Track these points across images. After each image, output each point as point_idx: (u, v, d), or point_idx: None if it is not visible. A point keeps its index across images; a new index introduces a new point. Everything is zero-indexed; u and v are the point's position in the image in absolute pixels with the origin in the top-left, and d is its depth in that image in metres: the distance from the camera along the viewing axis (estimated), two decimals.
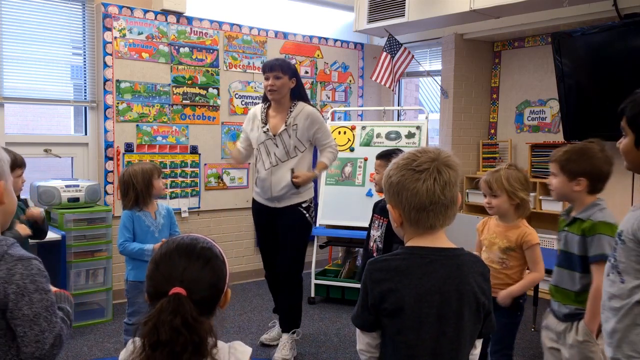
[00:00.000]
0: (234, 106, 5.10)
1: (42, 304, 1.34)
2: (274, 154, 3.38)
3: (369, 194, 4.78)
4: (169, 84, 4.72)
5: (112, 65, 4.43)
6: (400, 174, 1.39)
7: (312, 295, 4.68)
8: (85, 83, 4.48)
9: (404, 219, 1.41)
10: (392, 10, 5.12)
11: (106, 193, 4.48)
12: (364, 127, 5.10)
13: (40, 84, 4.34)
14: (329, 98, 5.81)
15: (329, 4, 5.77)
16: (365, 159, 4.93)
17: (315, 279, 4.72)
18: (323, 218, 4.89)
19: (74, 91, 4.49)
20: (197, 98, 4.89)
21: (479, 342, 1.46)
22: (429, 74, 5.73)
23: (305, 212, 3.45)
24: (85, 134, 4.55)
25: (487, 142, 5.52)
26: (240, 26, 5.14)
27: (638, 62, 4.00)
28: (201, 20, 4.89)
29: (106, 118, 4.44)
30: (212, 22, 4.95)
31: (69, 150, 4.47)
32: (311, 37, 5.63)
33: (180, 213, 4.80)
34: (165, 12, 4.66)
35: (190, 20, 4.82)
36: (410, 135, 4.91)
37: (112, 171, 4.49)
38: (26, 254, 1.36)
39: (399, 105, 6.27)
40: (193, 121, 4.87)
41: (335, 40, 5.83)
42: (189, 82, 4.83)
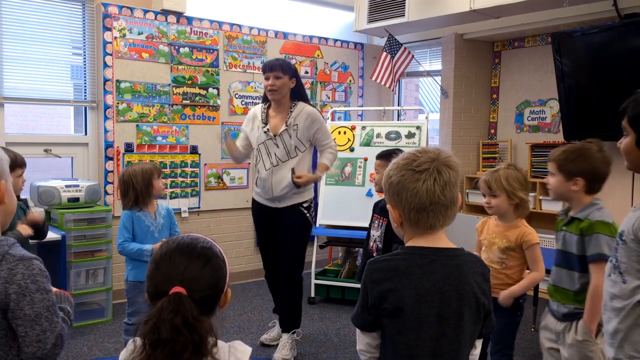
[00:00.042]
0: (234, 106, 5.10)
1: (44, 304, 1.34)
2: (275, 154, 3.38)
3: (369, 194, 4.78)
4: (169, 84, 4.73)
5: (112, 65, 4.43)
6: (400, 174, 1.39)
7: (312, 295, 4.68)
8: (85, 83, 4.48)
9: (404, 219, 1.41)
10: (392, 10, 5.12)
11: (106, 193, 4.48)
12: (364, 127, 5.10)
13: (40, 84, 4.34)
14: (329, 98, 5.81)
15: (329, 4, 5.77)
16: (365, 159, 4.93)
17: (315, 279, 4.72)
18: (323, 218, 4.89)
19: (74, 91, 4.49)
20: (197, 98, 4.89)
21: (479, 342, 1.46)
22: (429, 74, 5.73)
23: (306, 212, 3.45)
24: (85, 134, 4.55)
25: (487, 142, 5.52)
26: (240, 26, 5.14)
27: (638, 62, 4.01)
28: (201, 20, 4.89)
29: (106, 118, 4.44)
30: (212, 22, 4.95)
31: (69, 150, 4.47)
32: (311, 37, 5.63)
33: (180, 213, 4.80)
34: (165, 12, 4.67)
35: (190, 20, 4.82)
36: (410, 135, 4.91)
37: (112, 171, 4.49)
38: (27, 254, 1.36)
39: (399, 105, 6.27)
40: (193, 121, 4.88)
41: (335, 40, 5.83)
42: (189, 82, 4.83)
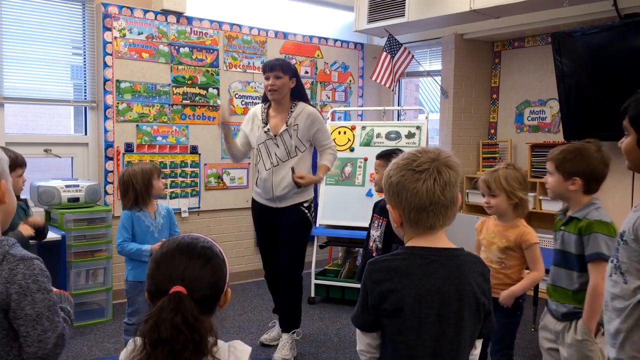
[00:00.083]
0: (234, 106, 5.10)
1: (45, 304, 1.34)
2: (275, 154, 3.38)
3: (369, 194, 4.78)
4: (169, 84, 4.73)
5: (112, 65, 4.43)
6: (400, 174, 1.39)
7: (312, 295, 4.68)
8: (85, 83, 4.48)
9: (404, 219, 1.41)
10: (392, 10, 5.12)
11: (106, 193, 4.48)
12: (364, 127, 5.10)
13: (40, 84, 4.34)
14: (329, 98, 5.81)
15: (329, 4, 5.77)
16: (365, 159, 4.93)
17: (315, 279, 4.72)
18: (323, 218, 4.89)
19: (74, 91, 4.49)
20: (197, 98, 4.89)
21: (479, 343, 1.46)
22: (429, 74, 5.73)
23: (306, 212, 3.45)
24: (85, 134, 4.55)
25: (487, 142, 5.52)
26: (240, 26, 5.14)
27: (638, 62, 4.00)
28: (201, 20, 4.89)
29: (106, 118, 4.44)
30: (212, 22, 4.95)
31: (69, 150, 4.47)
32: (311, 37, 5.63)
33: (180, 213, 4.80)
34: (165, 12, 4.67)
35: (190, 20, 4.82)
36: (410, 135, 4.91)
37: (112, 171, 4.49)
38: (28, 254, 1.36)
39: (399, 105, 6.27)
40: (193, 121, 4.88)
41: (335, 40, 5.83)
42: (189, 82, 4.83)
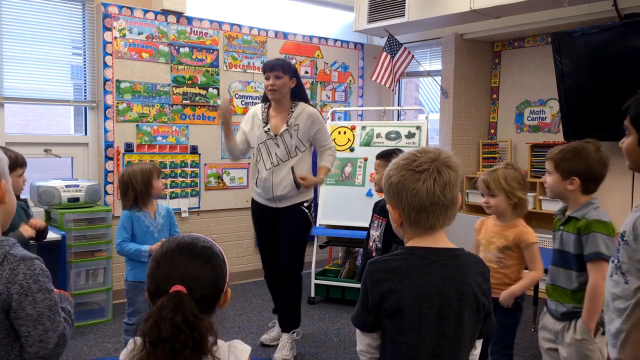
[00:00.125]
0: (234, 106, 5.10)
1: (46, 304, 1.34)
2: (275, 154, 3.39)
3: (369, 194, 4.78)
4: (169, 84, 4.73)
5: (112, 65, 4.43)
6: (400, 174, 1.39)
7: (312, 295, 4.68)
8: (85, 83, 4.48)
9: (404, 219, 1.41)
10: (392, 10, 5.12)
11: (106, 193, 4.48)
12: (364, 127, 5.10)
13: (40, 84, 4.34)
14: (329, 98, 5.81)
15: (329, 4, 5.77)
16: (365, 159, 4.93)
17: (315, 279, 4.72)
18: (323, 218, 4.89)
19: (74, 91, 4.49)
20: (197, 98, 4.89)
21: (479, 343, 1.46)
22: (429, 74, 5.74)
23: (306, 211, 3.45)
24: (85, 134, 4.55)
25: (487, 142, 5.52)
26: (240, 26, 5.14)
27: (638, 62, 4.01)
28: (201, 20, 4.89)
29: (106, 118, 4.44)
30: (212, 22, 4.95)
31: (69, 150, 4.47)
32: (311, 37, 5.63)
33: (180, 213, 4.80)
34: (165, 12, 4.67)
35: (190, 20, 4.82)
36: (410, 135, 4.91)
37: (112, 171, 4.49)
38: (28, 254, 1.36)
39: (399, 105, 6.27)
40: (193, 121, 4.88)
41: (335, 40, 5.83)
42: (189, 82, 4.83)
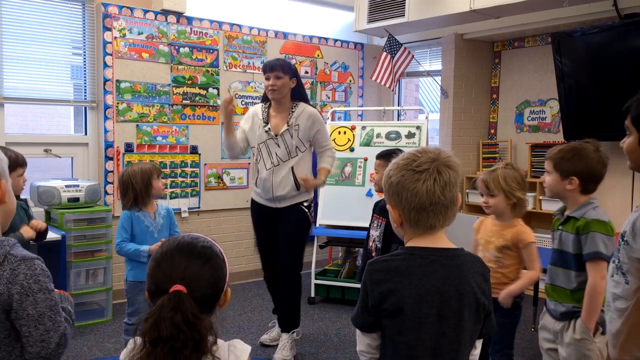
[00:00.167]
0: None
1: (47, 304, 1.34)
2: (276, 154, 3.39)
3: (369, 194, 4.78)
4: (169, 84, 4.73)
5: (112, 65, 4.43)
6: (400, 174, 1.39)
7: (312, 295, 4.68)
8: (85, 83, 4.48)
9: (404, 219, 1.41)
10: (392, 10, 5.12)
11: (106, 193, 4.48)
12: (364, 127, 5.10)
13: (40, 84, 4.34)
14: (329, 98, 5.81)
15: (329, 4, 5.77)
16: (365, 159, 4.93)
17: (315, 279, 4.72)
18: (323, 218, 4.89)
19: (74, 91, 4.49)
20: (197, 98, 4.90)
21: (479, 343, 1.46)
22: (429, 74, 5.74)
23: (306, 211, 3.45)
24: (85, 134, 4.55)
25: (487, 142, 5.52)
26: (240, 26, 5.14)
27: (638, 62, 4.01)
28: (201, 20, 4.89)
29: (106, 118, 4.44)
30: (212, 22, 4.95)
31: (69, 150, 4.47)
32: (311, 37, 5.63)
33: (180, 213, 4.80)
34: (165, 12, 4.67)
35: (190, 20, 4.82)
36: (410, 135, 4.91)
37: (112, 171, 4.49)
38: (29, 254, 1.36)
39: (399, 105, 6.28)
40: (193, 121, 4.88)
41: (335, 40, 5.83)
42: (189, 82, 4.83)
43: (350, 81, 5.97)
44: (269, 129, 3.40)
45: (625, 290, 1.53)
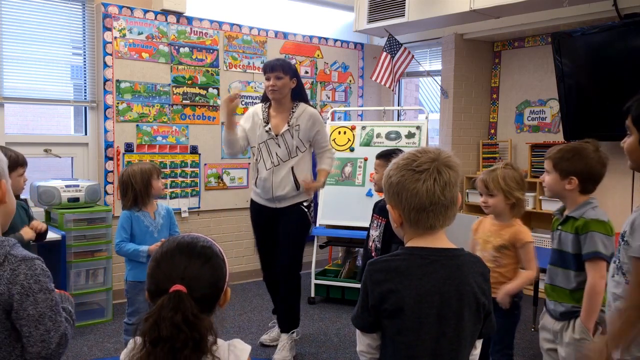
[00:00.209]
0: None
1: (47, 304, 1.34)
2: (276, 154, 3.39)
3: (369, 194, 4.78)
4: (169, 84, 4.73)
5: (112, 65, 4.43)
6: (400, 174, 1.39)
7: (312, 295, 4.68)
8: (85, 83, 4.48)
9: (404, 219, 1.41)
10: (392, 10, 5.12)
11: (106, 193, 4.48)
12: (364, 127, 5.10)
13: (40, 84, 4.34)
14: (329, 98, 5.81)
15: (329, 4, 5.77)
16: (365, 159, 4.93)
17: (315, 279, 4.72)
18: (323, 218, 4.89)
19: (74, 91, 4.49)
20: (197, 98, 4.90)
21: (479, 343, 1.46)
22: (429, 74, 5.74)
23: (306, 211, 3.45)
24: (85, 134, 4.55)
25: (487, 142, 5.52)
26: (240, 26, 5.14)
27: (638, 62, 4.01)
28: (201, 20, 4.89)
29: (106, 118, 4.44)
30: (212, 22, 4.95)
31: (69, 150, 4.47)
32: (311, 37, 5.63)
33: (180, 213, 4.80)
34: (165, 12, 4.67)
35: (190, 20, 4.82)
36: (410, 135, 4.91)
37: (112, 171, 4.49)
38: (29, 254, 1.36)
39: (399, 105, 6.28)
40: (193, 121, 4.88)
41: (335, 40, 5.83)
42: (189, 82, 4.83)
43: (350, 81, 5.97)
44: (270, 128, 3.40)
45: (626, 291, 1.53)
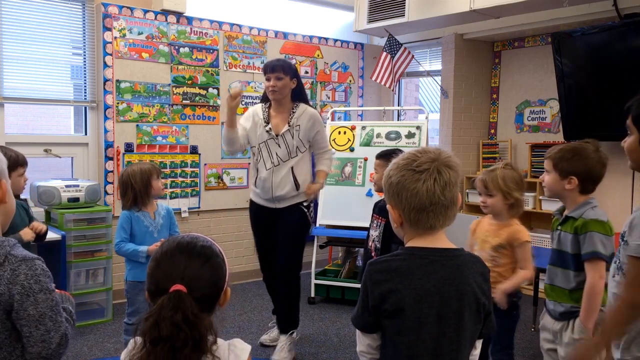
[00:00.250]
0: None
1: (47, 304, 1.34)
2: (276, 154, 3.39)
3: (369, 194, 4.78)
4: (169, 84, 4.73)
5: (112, 65, 4.43)
6: (400, 174, 1.39)
7: (312, 295, 4.68)
8: (85, 83, 4.48)
9: (404, 220, 1.41)
10: (392, 10, 5.12)
11: (106, 193, 4.48)
12: (364, 127, 5.10)
13: (40, 84, 4.34)
14: (329, 98, 5.81)
15: (329, 4, 5.77)
16: (365, 159, 4.93)
17: (315, 279, 4.72)
18: (323, 218, 4.89)
19: (74, 91, 4.49)
20: (197, 98, 4.90)
21: (479, 343, 1.46)
22: (429, 74, 5.74)
23: (306, 211, 3.45)
24: (85, 134, 4.55)
25: (487, 142, 5.52)
26: (240, 26, 5.14)
27: (638, 62, 4.01)
28: (201, 20, 4.89)
29: (106, 118, 4.44)
30: (212, 22, 4.95)
31: (69, 150, 4.47)
32: (311, 37, 5.63)
33: (180, 213, 4.80)
34: (165, 12, 4.67)
35: (190, 20, 4.82)
36: (410, 135, 4.91)
37: (112, 171, 4.49)
38: (29, 254, 1.36)
39: (399, 105, 6.28)
40: (193, 121, 4.88)
41: (335, 40, 5.83)
42: (189, 82, 4.83)
43: (350, 81, 5.97)
44: (270, 128, 3.40)
45: (620, 288, 1.53)
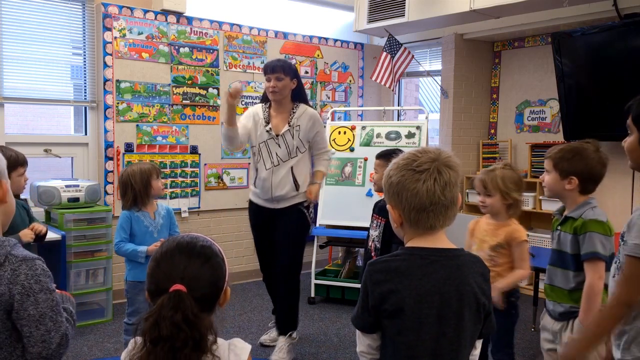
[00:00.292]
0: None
1: (48, 304, 1.34)
2: (276, 154, 3.39)
3: (369, 194, 4.78)
4: (169, 84, 4.73)
5: (112, 65, 4.43)
6: (400, 174, 1.39)
7: (312, 295, 4.68)
8: (85, 83, 4.48)
9: (404, 220, 1.41)
10: (392, 10, 5.12)
11: (106, 193, 4.48)
12: (364, 127, 5.10)
13: (40, 84, 4.34)
14: (329, 98, 5.81)
15: (329, 4, 5.77)
16: (365, 159, 4.93)
17: (315, 279, 4.72)
18: (323, 218, 4.89)
19: (74, 91, 4.49)
20: (197, 98, 4.90)
21: (479, 343, 1.46)
22: (429, 74, 5.74)
23: (305, 211, 3.45)
24: (85, 134, 4.55)
25: (487, 142, 5.52)
26: (240, 26, 5.14)
27: (638, 62, 4.01)
28: (201, 20, 4.89)
29: (106, 118, 4.44)
30: (212, 22, 4.95)
31: (69, 150, 4.47)
32: (311, 37, 5.63)
33: (180, 213, 4.80)
34: (165, 12, 4.67)
35: (190, 20, 4.82)
36: (410, 135, 4.91)
37: (112, 171, 4.49)
38: (29, 254, 1.36)
39: (399, 105, 6.28)
40: (193, 121, 4.88)
41: (335, 40, 5.83)
42: (189, 82, 4.83)
43: (350, 81, 5.97)
44: (270, 128, 3.40)
45: (614, 286, 1.53)
